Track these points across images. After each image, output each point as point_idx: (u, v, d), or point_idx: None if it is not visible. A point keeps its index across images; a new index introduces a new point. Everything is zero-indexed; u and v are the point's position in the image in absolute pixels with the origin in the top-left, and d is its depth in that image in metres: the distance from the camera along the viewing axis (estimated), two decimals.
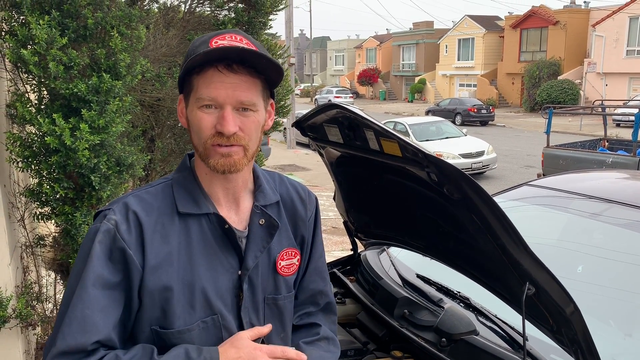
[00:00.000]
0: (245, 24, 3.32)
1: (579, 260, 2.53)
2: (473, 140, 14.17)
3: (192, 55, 1.14)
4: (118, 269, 1.14)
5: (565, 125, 23.71)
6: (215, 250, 1.21)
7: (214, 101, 1.14)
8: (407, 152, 1.61)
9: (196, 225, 1.20)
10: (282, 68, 1.20)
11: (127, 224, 1.16)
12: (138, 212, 1.17)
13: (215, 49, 1.12)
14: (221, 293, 1.21)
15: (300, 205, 1.37)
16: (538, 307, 1.52)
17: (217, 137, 1.15)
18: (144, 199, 1.20)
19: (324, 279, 1.45)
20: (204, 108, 1.15)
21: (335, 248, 7.36)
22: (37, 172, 2.71)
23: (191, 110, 1.18)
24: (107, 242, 1.14)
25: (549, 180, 3.02)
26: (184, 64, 1.18)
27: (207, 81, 1.14)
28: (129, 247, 1.14)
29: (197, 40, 1.20)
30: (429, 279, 2.41)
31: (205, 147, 1.17)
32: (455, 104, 28.21)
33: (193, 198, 1.21)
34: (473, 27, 38.53)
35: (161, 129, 3.64)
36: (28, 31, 2.38)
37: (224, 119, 1.14)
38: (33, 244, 3.18)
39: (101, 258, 1.13)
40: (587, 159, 9.32)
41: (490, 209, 1.45)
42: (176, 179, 1.25)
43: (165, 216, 1.19)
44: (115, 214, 1.16)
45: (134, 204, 1.19)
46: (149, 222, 1.17)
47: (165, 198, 1.21)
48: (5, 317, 2.76)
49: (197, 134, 1.18)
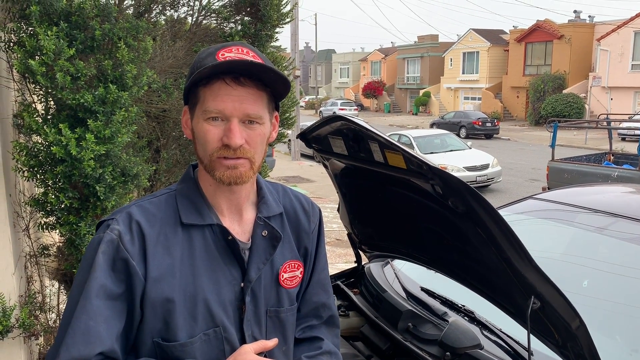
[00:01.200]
0: (252, 37, 3.34)
1: (584, 274, 2.52)
2: (478, 153, 14.15)
3: (199, 68, 1.14)
4: (121, 279, 1.13)
5: (570, 139, 23.68)
6: (218, 261, 1.20)
7: (220, 114, 1.14)
8: (411, 164, 1.61)
9: (199, 236, 1.20)
10: (289, 81, 1.20)
11: (130, 234, 1.15)
12: (141, 223, 1.16)
13: (223, 62, 1.13)
14: (224, 305, 1.20)
15: (303, 217, 1.37)
16: (543, 322, 1.51)
17: (223, 150, 1.15)
18: (147, 209, 1.20)
19: (327, 291, 1.44)
20: (211, 120, 1.15)
21: (339, 260, 7.33)
22: (43, 181, 2.72)
23: (197, 122, 1.17)
24: (110, 252, 1.13)
25: (554, 193, 3.01)
26: (190, 76, 1.18)
27: (214, 93, 1.14)
28: (132, 257, 1.13)
29: (204, 52, 1.20)
30: (434, 292, 2.40)
31: (211, 160, 1.16)
32: (460, 117, 28.23)
33: (196, 209, 1.21)
34: (478, 41, 38.67)
35: (167, 140, 3.65)
36: (36, 42, 2.40)
37: (230, 132, 1.14)
38: (37, 254, 3.19)
39: (104, 268, 1.12)
40: (593, 172, 9.29)
41: (495, 222, 1.45)
42: (180, 190, 1.24)
43: (168, 227, 1.19)
44: (118, 224, 1.16)
45: (137, 214, 1.18)
46: (152, 233, 1.17)
47: (168, 209, 1.21)
48: (8, 326, 2.76)
49: (202, 146, 1.17)
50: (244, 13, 3.40)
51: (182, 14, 3.45)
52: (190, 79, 1.16)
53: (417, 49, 46.44)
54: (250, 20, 3.39)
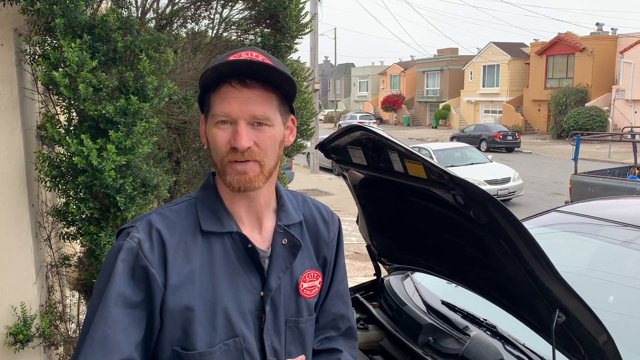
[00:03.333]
0: (271, 48, 3.36)
1: (610, 289, 2.45)
2: (499, 167, 14.01)
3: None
4: (140, 287, 1.12)
5: (594, 152, 23.33)
6: (238, 269, 1.19)
7: (227, 117, 1.13)
8: (432, 174, 1.58)
9: (219, 244, 1.19)
10: (293, 80, 1.18)
11: (150, 242, 1.14)
12: (161, 230, 1.16)
13: (223, 62, 1.13)
14: (244, 314, 1.19)
15: (323, 226, 1.35)
16: (569, 336, 1.47)
17: (232, 153, 1.14)
18: (168, 217, 1.19)
19: (345, 302, 1.42)
20: (219, 124, 1.14)
21: (358, 274, 7.28)
22: (64, 191, 2.75)
23: (209, 128, 1.18)
24: (129, 260, 1.13)
25: (578, 206, 2.95)
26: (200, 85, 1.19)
27: (221, 97, 1.14)
28: (151, 265, 1.13)
29: (216, 59, 1.20)
30: (455, 305, 2.35)
31: (222, 164, 1.16)
32: (481, 130, 28.02)
33: (216, 216, 1.20)
34: (498, 54, 38.49)
35: (187, 152, 3.68)
36: (60, 54, 2.44)
37: (237, 134, 1.13)
38: (58, 264, 3.22)
39: (123, 276, 1.12)
40: (617, 186, 9.12)
41: (519, 233, 1.42)
42: (200, 197, 1.24)
43: (188, 234, 1.18)
44: (138, 232, 1.15)
45: (157, 221, 1.17)
46: (172, 240, 1.16)
47: (188, 216, 1.20)
48: (29, 336, 2.78)
49: (214, 152, 1.17)
50: (264, 25, 3.42)
51: (203, 27, 3.49)
52: (200, 86, 1.18)
53: (436, 62, 46.38)
54: (269, 31, 3.41)
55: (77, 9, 2.39)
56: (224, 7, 3.36)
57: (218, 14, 3.40)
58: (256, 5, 3.29)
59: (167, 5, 3.14)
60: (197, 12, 3.25)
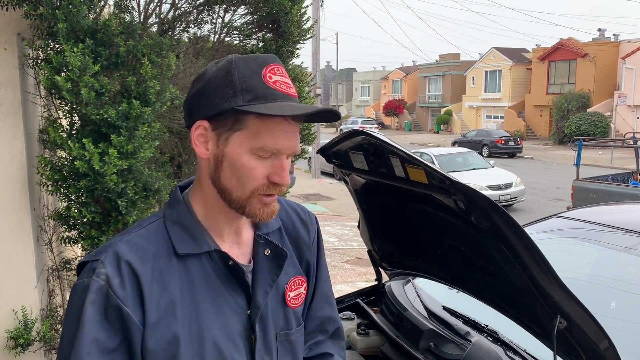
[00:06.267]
0: (273, 53, 3.37)
1: (612, 295, 2.44)
2: (500, 172, 14.00)
3: (247, 89, 1.03)
4: (116, 329, 1.01)
5: (596, 158, 23.30)
6: (220, 291, 1.10)
7: (276, 152, 1.05)
8: (433, 179, 1.58)
9: (197, 266, 1.08)
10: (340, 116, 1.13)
11: (119, 277, 1.02)
12: (131, 262, 1.03)
13: (325, 110, 1.05)
14: (233, 339, 1.11)
15: (302, 228, 1.28)
16: (570, 342, 1.46)
17: (270, 188, 1.07)
18: (136, 244, 1.06)
19: (331, 304, 1.36)
20: (260, 157, 1.05)
21: (359, 279, 7.27)
22: (66, 195, 2.75)
23: (238, 151, 1.05)
24: (99, 301, 1.01)
25: (580, 212, 2.94)
26: (224, 93, 1.04)
27: (272, 129, 1.03)
28: (124, 304, 1.01)
29: (243, 67, 1.05)
30: (456, 311, 2.35)
31: (249, 195, 1.07)
32: (482, 135, 28.03)
33: (190, 236, 1.09)
34: (500, 59, 38.52)
35: (188, 156, 3.68)
36: (63, 58, 2.45)
37: (283, 171, 1.06)
38: (59, 268, 3.22)
39: (95, 320, 1.00)
40: (619, 192, 9.10)
41: (520, 239, 1.41)
42: (169, 216, 1.11)
43: (161, 260, 1.06)
44: (104, 267, 1.02)
45: (125, 251, 1.04)
46: (145, 271, 1.04)
47: (159, 239, 1.08)
48: (29, 339, 2.78)
49: (241, 180, 1.06)
50: (266, 30, 3.43)
51: (205, 32, 3.50)
52: (240, 106, 1.03)
53: (438, 67, 46.43)
54: (271, 36, 3.42)
55: (80, 14, 2.40)
56: (226, 11, 3.37)
57: (220, 18, 3.41)
58: (258, 10, 3.31)
59: (170, 10, 3.15)
60: (200, 17, 3.26)
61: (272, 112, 1.01)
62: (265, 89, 1.03)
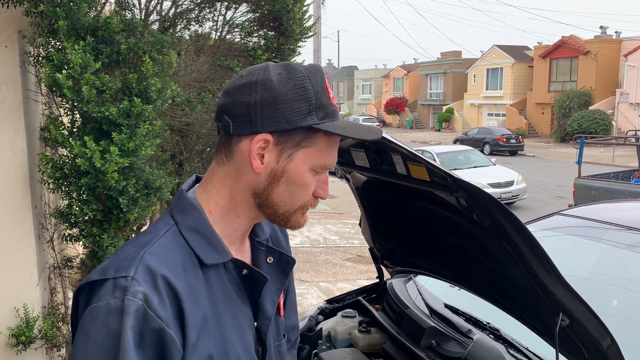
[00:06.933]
0: (275, 51, 3.36)
1: (614, 293, 2.44)
2: (502, 170, 13.97)
3: (321, 106, 1.00)
4: (154, 356, 0.89)
5: (598, 156, 23.26)
6: (236, 302, 1.05)
7: (329, 168, 1.06)
8: (435, 177, 1.58)
9: (216, 277, 1.02)
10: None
11: (158, 295, 0.90)
12: (168, 277, 0.92)
13: (376, 136, 1.08)
14: (251, 354, 1.06)
15: (281, 235, 1.24)
16: (572, 340, 1.46)
17: (314, 201, 1.07)
18: (164, 256, 0.95)
19: (296, 312, 1.31)
20: (317, 173, 1.04)
21: (361, 277, 7.27)
22: (67, 193, 2.75)
23: (301, 168, 1.01)
24: (136, 326, 0.87)
25: (582, 209, 2.94)
26: (300, 109, 0.98)
27: (332, 147, 1.04)
28: (168, 326, 0.89)
29: (313, 80, 1.00)
30: (458, 309, 2.34)
31: (297, 208, 1.05)
32: (484, 133, 27.98)
33: (210, 244, 1.01)
34: (501, 57, 38.45)
35: (190, 154, 3.68)
36: (64, 56, 2.45)
37: (326, 185, 1.07)
38: (61, 265, 3.22)
39: (137, 349, 0.87)
40: (621, 190, 9.08)
41: (522, 236, 1.41)
42: (183, 223, 1.01)
43: (190, 272, 0.97)
44: (140, 285, 0.89)
45: (157, 265, 0.93)
46: (181, 286, 0.93)
47: (181, 249, 0.99)
48: (31, 337, 2.79)
49: (293, 195, 1.03)
50: (267, 27, 3.43)
51: (207, 30, 3.50)
52: (317, 124, 0.99)
53: (440, 65, 46.37)
54: (273, 34, 3.41)
55: (80, 11, 2.39)
56: (227, 9, 3.36)
57: (222, 16, 3.40)
58: (259, 8, 3.30)
59: (171, 8, 3.14)
60: (201, 15, 3.25)
61: (348, 134, 1.01)
62: (331, 105, 1.02)
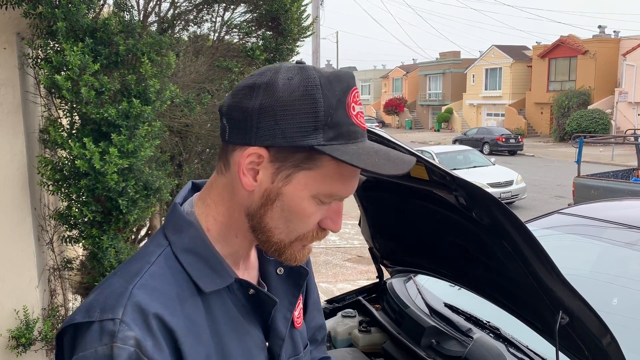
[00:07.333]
0: (273, 51, 3.36)
1: (614, 291, 2.44)
2: (502, 170, 13.99)
3: (341, 138, 0.83)
4: None
5: (597, 155, 23.28)
6: (243, 326, 0.93)
7: (340, 198, 0.89)
8: (434, 175, 1.58)
9: (218, 302, 0.90)
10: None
11: (152, 338, 0.79)
12: (161, 315, 0.80)
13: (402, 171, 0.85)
14: None
15: None
16: (572, 338, 1.45)
17: (319, 234, 0.91)
18: (156, 289, 0.83)
19: (320, 311, 1.22)
20: (322, 202, 0.88)
21: (361, 277, 7.27)
22: (67, 195, 2.75)
23: (300, 194, 0.86)
24: None
25: (581, 208, 2.94)
26: (303, 124, 0.82)
27: (346, 175, 0.86)
28: None
29: (327, 90, 0.83)
30: (458, 308, 2.34)
31: (293, 241, 0.90)
32: (483, 133, 28.01)
33: (209, 266, 0.89)
34: (500, 57, 38.49)
35: (189, 155, 3.68)
36: (62, 57, 2.45)
37: (338, 217, 0.91)
38: (61, 267, 3.22)
39: None
40: (620, 189, 9.09)
41: (521, 234, 1.41)
42: (177, 243, 0.89)
43: (187, 304, 0.85)
44: (130, 328, 0.77)
45: (147, 301, 0.80)
46: (178, 324, 0.82)
47: (176, 277, 0.86)
48: (31, 339, 2.78)
49: (290, 224, 0.88)
50: (265, 27, 3.43)
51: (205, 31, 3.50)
52: (321, 145, 0.82)
53: (439, 65, 46.41)
54: (271, 34, 3.42)
55: (79, 13, 2.40)
56: (225, 10, 3.36)
57: (220, 17, 3.41)
58: (257, 8, 3.30)
59: (169, 9, 3.15)
60: (199, 16, 3.25)
61: (363, 165, 0.82)
62: (349, 125, 0.84)
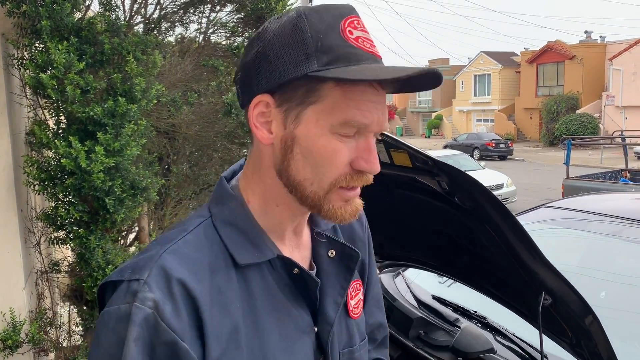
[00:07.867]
0: None
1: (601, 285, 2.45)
2: (491, 174, 14.06)
3: (325, 48, 0.78)
4: None
5: (586, 158, 23.47)
6: (284, 306, 0.88)
7: (363, 127, 0.81)
8: (417, 161, 1.59)
9: (257, 278, 0.86)
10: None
11: (172, 302, 0.76)
12: (186, 281, 0.78)
13: (404, 73, 0.76)
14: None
15: (355, 221, 0.96)
16: (556, 319, 1.47)
17: (354, 177, 0.83)
18: (187, 256, 0.81)
19: (381, 308, 1.15)
20: (344, 136, 0.80)
21: None
22: (53, 195, 2.74)
23: (314, 131, 0.80)
24: (146, 337, 0.74)
25: (568, 201, 2.96)
26: (294, 56, 0.78)
27: (357, 99, 0.79)
28: (181, 338, 0.75)
29: (314, 19, 0.80)
30: (445, 300, 2.35)
31: (329, 190, 0.83)
32: (473, 138, 28.18)
33: (250, 240, 0.86)
34: (489, 63, 38.80)
35: (177, 156, 3.68)
36: (47, 56, 2.45)
37: (371, 154, 0.82)
38: (48, 270, 3.20)
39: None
40: (609, 189, 9.16)
41: (503, 217, 1.42)
42: (218, 215, 0.87)
43: (219, 274, 0.82)
44: (151, 290, 0.75)
45: (175, 266, 0.78)
46: (203, 292, 0.79)
47: (212, 246, 0.84)
48: (18, 341, 2.76)
49: (317, 169, 0.82)
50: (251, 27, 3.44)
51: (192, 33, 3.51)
52: (316, 71, 0.77)
53: None
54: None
55: (63, 11, 2.40)
56: (212, 10, 3.38)
57: (206, 18, 3.42)
58: (243, 8, 3.32)
59: (155, 9, 3.16)
60: (185, 16, 3.26)
61: (361, 76, 0.77)
62: (346, 47, 0.79)
